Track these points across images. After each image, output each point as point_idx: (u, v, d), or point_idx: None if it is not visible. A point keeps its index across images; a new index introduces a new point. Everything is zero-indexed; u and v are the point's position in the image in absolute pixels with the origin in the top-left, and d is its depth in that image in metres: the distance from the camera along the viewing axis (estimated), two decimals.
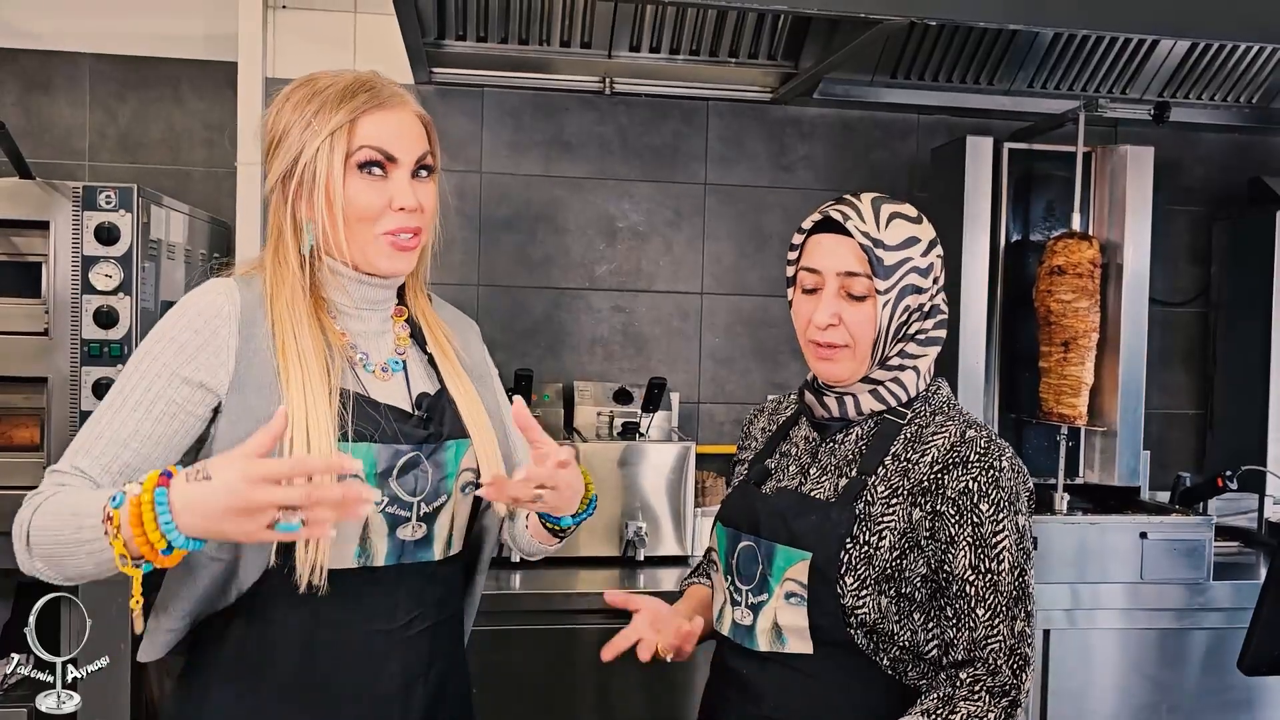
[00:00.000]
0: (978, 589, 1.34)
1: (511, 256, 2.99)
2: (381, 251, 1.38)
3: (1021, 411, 2.80)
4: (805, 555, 1.38)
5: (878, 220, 1.41)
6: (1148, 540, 2.53)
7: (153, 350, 1.33)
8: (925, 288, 1.43)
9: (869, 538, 1.37)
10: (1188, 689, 2.57)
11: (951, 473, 1.36)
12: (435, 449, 1.40)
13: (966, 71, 2.88)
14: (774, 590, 1.41)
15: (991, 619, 1.33)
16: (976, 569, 1.34)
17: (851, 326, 1.41)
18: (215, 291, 1.36)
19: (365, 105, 1.36)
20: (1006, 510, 1.35)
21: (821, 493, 1.43)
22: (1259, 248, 3.00)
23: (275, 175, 1.37)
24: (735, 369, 3.09)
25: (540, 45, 2.77)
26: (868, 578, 1.36)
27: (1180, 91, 2.98)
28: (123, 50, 2.84)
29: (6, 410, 2.11)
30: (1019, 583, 1.34)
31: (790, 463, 1.51)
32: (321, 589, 1.30)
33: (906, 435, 1.43)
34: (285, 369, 1.32)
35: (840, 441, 1.47)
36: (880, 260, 1.39)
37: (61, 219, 2.07)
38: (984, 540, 1.34)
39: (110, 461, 1.28)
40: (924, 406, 1.46)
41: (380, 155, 1.36)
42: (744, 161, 3.08)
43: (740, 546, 1.47)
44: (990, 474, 1.35)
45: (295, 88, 1.40)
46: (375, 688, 1.38)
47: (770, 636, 1.43)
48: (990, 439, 1.39)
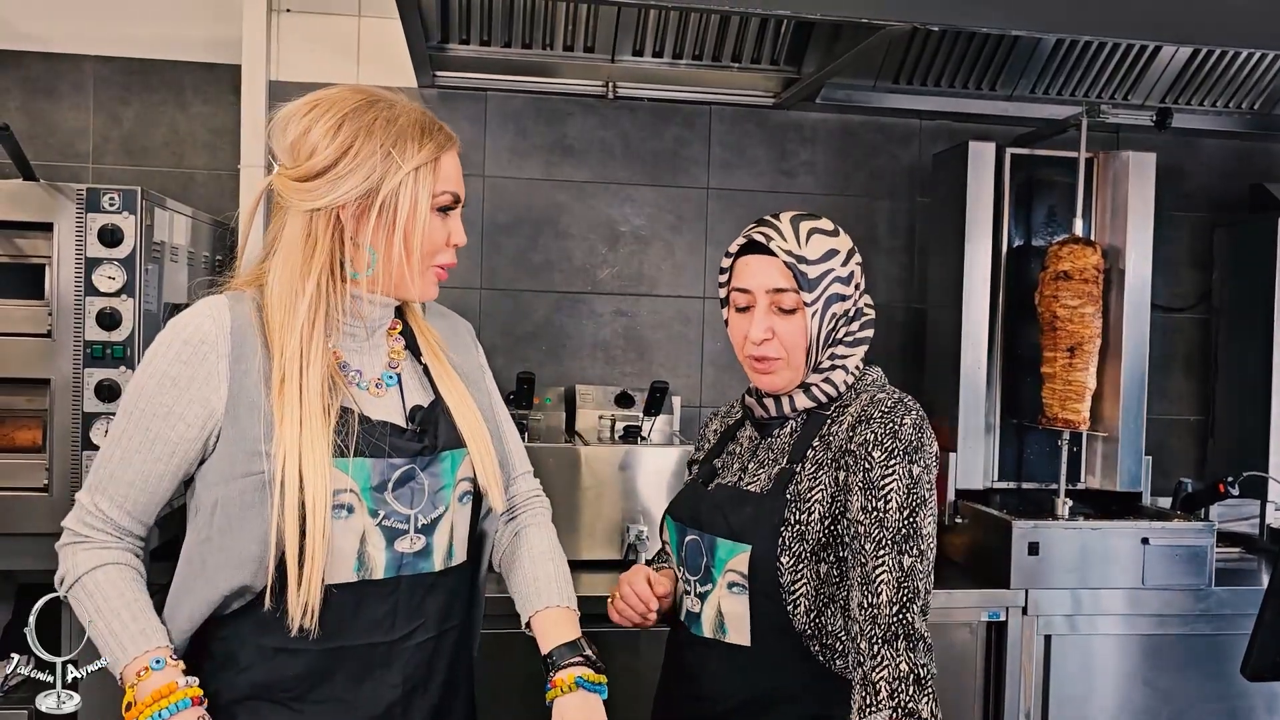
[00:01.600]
0: (865, 527, 1.41)
1: (514, 260, 3.00)
2: (429, 282, 1.44)
3: (1023, 416, 2.80)
4: (745, 547, 1.47)
5: (798, 238, 1.51)
6: (1149, 546, 2.53)
7: (147, 387, 1.35)
8: (849, 294, 1.54)
9: (800, 516, 1.47)
10: (1189, 695, 2.56)
11: (858, 430, 1.47)
12: (430, 461, 1.41)
13: (969, 77, 2.89)
14: (717, 580, 1.51)
15: (877, 551, 1.39)
16: (865, 509, 1.42)
17: (784, 338, 1.51)
18: (203, 316, 1.36)
19: (444, 145, 1.40)
20: (900, 458, 1.43)
21: (757, 485, 1.54)
22: (1260, 254, 3.00)
23: (336, 197, 1.34)
24: (737, 374, 3.09)
25: (543, 49, 2.78)
26: (802, 553, 1.45)
27: (1182, 98, 2.99)
28: (126, 53, 2.84)
29: (9, 412, 2.11)
30: (908, 521, 1.41)
31: (734, 460, 1.62)
32: (313, 633, 1.32)
33: (831, 418, 1.54)
34: (282, 390, 1.32)
35: (776, 437, 1.57)
36: (805, 275, 1.49)
37: (65, 221, 2.07)
38: (873, 483, 1.42)
39: (124, 501, 1.37)
40: (850, 394, 1.56)
41: (454, 197, 1.41)
42: (746, 166, 3.08)
43: (687, 540, 1.57)
44: (889, 427, 1.45)
45: (356, 107, 1.36)
46: (375, 698, 1.38)
47: (714, 625, 1.52)
48: (899, 400, 1.49)
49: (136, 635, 1.33)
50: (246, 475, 1.31)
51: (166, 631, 1.35)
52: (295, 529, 1.28)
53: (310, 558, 1.28)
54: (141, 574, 1.40)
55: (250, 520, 1.31)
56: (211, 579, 1.33)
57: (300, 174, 1.35)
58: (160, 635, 1.34)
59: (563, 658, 1.43)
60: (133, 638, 1.33)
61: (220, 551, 1.32)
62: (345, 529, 1.34)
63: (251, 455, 1.31)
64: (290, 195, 1.36)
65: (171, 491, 1.39)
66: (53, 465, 2.09)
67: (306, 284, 1.35)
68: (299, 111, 1.37)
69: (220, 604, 1.34)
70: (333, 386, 1.35)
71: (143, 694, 1.30)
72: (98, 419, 2.08)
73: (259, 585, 1.32)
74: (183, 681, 1.31)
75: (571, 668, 1.42)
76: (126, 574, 1.37)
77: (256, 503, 1.30)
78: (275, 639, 1.34)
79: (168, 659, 1.32)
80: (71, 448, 2.09)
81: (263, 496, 1.30)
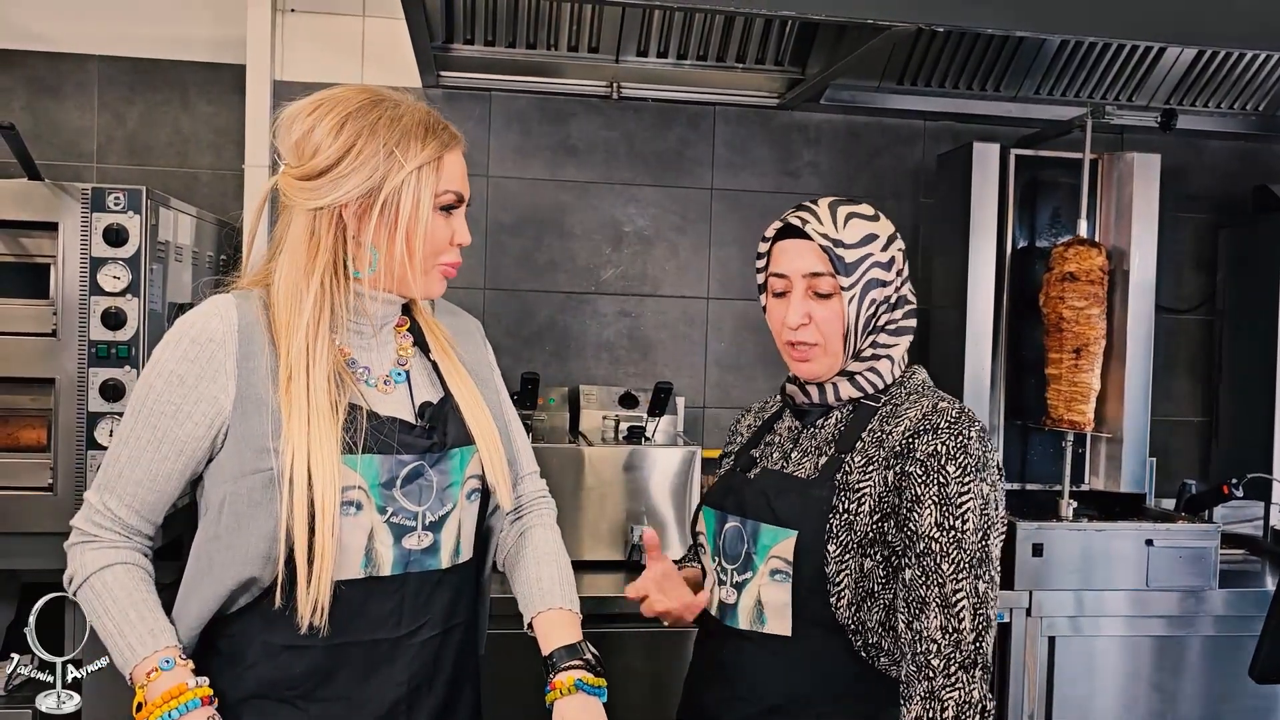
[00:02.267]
0: (942, 545, 1.38)
1: (518, 260, 3.00)
2: (434, 280, 1.43)
3: (1027, 418, 2.80)
4: (791, 533, 1.44)
5: (835, 221, 1.48)
6: (1153, 547, 2.53)
7: (155, 386, 1.35)
8: (889, 280, 1.50)
9: (849, 505, 1.44)
10: (1192, 697, 2.56)
11: (922, 438, 1.42)
12: (440, 458, 1.41)
13: (973, 78, 2.88)
14: (759, 568, 1.47)
15: (956, 573, 1.37)
16: (941, 526, 1.38)
17: (821, 324, 1.48)
18: (211, 314, 1.36)
19: (448, 144, 1.39)
20: (973, 475, 1.39)
21: (802, 472, 1.50)
22: (1265, 255, 3.00)
23: (339, 196, 1.34)
24: (741, 374, 3.09)
25: (548, 50, 2.78)
26: (849, 543, 1.42)
27: (1187, 99, 2.98)
28: (131, 53, 2.84)
29: (14, 411, 2.11)
30: (981, 545, 1.38)
31: (774, 450, 1.59)
32: (323, 630, 1.32)
33: (882, 414, 1.49)
34: (289, 388, 1.32)
35: (820, 426, 1.54)
36: (841, 259, 1.46)
37: (70, 220, 2.07)
38: (949, 499, 1.39)
39: (132, 500, 1.37)
40: (899, 389, 1.53)
41: (458, 197, 1.41)
42: (750, 167, 3.08)
43: (727, 527, 1.54)
44: (959, 440, 1.41)
45: (360, 106, 1.36)
46: (381, 696, 1.38)
47: (752, 615, 1.48)
48: (963, 411, 1.45)
49: (145, 635, 1.33)
50: (255, 472, 1.31)
51: (175, 631, 1.35)
52: (304, 526, 1.28)
53: (319, 555, 1.29)
54: (150, 573, 1.40)
55: (259, 518, 1.31)
56: (220, 577, 1.33)
57: (303, 173, 1.36)
58: (169, 635, 1.34)
59: (562, 660, 1.43)
60: (141, 638, 1.33)
61: (229, 549, 1.32)
62: (353, 526, 1.34)
63: (260, 453, 1.31)
64: (294, 194, 1.36)
65: (180, 490, 1.39)
66: (57, 465, 2.09)
67: (310, 282, 1.35)
68: (303, 110, 1.38)
69: (228, 599, 1.34)
70: (340, 383, 1.36)
71: (153, 694, 1.30)
72: (102, 418, 2.09)
73: (266, 579, 1.32)
74: (192, 681, 1.31)
75: (571, 670, 1.42)
76: (135, 573, 1.37)
77: (265, 500, 1.30)
78: (282, 636, 1.34)
79: (177, 659, 1.32)
80: (76, 447, 2.09)
81: (271, 494, 1.30)
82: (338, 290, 1.37)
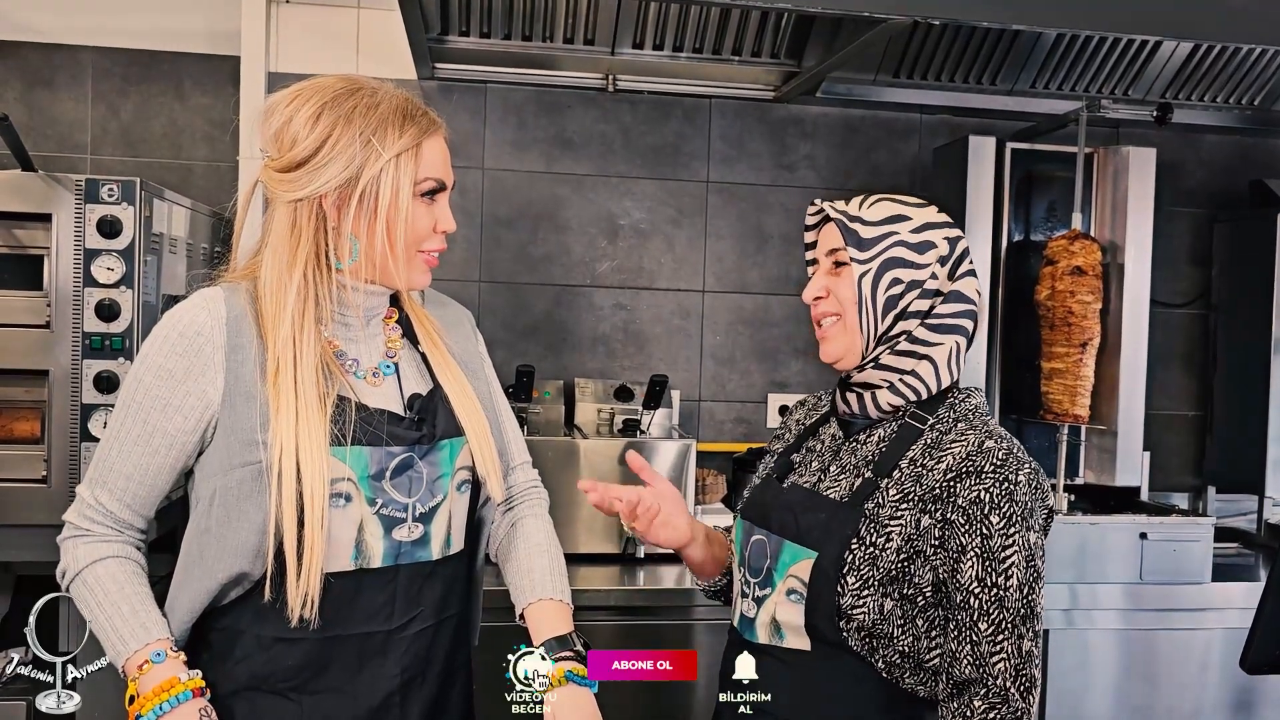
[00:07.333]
0: (982, 602, 1.32)
1: (513, 253, 2.99)
2: (417, 269, 1.42)
3: (1021, 411, 2.80)
4: (811, 554, 1.39)
5: (861, 203, 1.47)
6: (1147, 541, 2.53)
7: (144, 380, 1.35)
8: (921, 264, 1.42)
9: (875, 539, 1.36)
10: (1186, 690, 2.57)
11: (964, 481, 1.35)
12: (429, 449, 1.41)
13: (969, 71, 2.88)
14: (777, 586, 1.43)
15: (995, 634, 1.31)
16: (983, 582, 1.32)
17: (836, 293, 1.44)
18: (199, 308, 1.36)
19: (427, 130, 1.38)
20: (1018, 525, 1.32)
21: (836, 492, 1.44)
22: (1259, 250, 3.00)
23: (317, 187, 1.34)
24: (736, 368, 3.09)
25: (544, 41, 2.77)
26: (871, 579, 1.35)
27: (1182, 93, 2.98)
28: (125, 44, 2.84)
29: (7, 403, 2.10)
30: (1026, 601, 1.32)
31: (814, 459, 1.53)
32: (313, 623, 1.32)
33: (926, 441, 1.42)
34: (277, 380, 1.32)
35: (862, 442, 1.47)
36: (855, 233, 1.43)
37: (64, 212, 2.07)
38: (992, 553, 1.32)
39: (123, 494, 1.37)
40: (948, 413, 1.44)
41: (439, 184, 1.40)
42: (746, 160, 3.08)
43: (753, 539, 1.49)
44: (1004, 486, 1.33)
45: (336, 95, 1.36)
46: (373, 688, 1.38)
47: (769, 630, 1.44)
48: (1010, 452, 1.37)
49: (137, 628, 1.33)
50: (244, 465, 1.31)
51: (167, 624, 1.35)
52: (293, 518, 1.28)
53: (309, 547, 1.29)
54: (142, 566, 1.40)
55: (248, 510, 1.31)
56: (210, 570, 1.33)
57: (283, 164, 1.35)
58: (160, 628, 1.34)
59: (553, 651, 1.43)
60: (133, 631, 1.33)
61: (219, 542, 1.32)
62: (343, 518, 1.34)
63: (249, 445, 1.31)
64: (274, 186, 1.36)
65: (171, 484, 1.39)
66: (51, 457, 2.09)
67: (294, 274, 1.35)
68: (282, 101, 1.37)
69: (219, 593, 1.34)
70: (329, 375, 1.35)
71: (145, 687, 1.30)
72: (96, 410, 2.08)
73: (257, 573, 1.32)
74: (184, 674, 1.32)
75: (562, 662, 1.42)
76: (127, 567, 1.38)
77: (254, 492, 1.30)
78: (273, 629, 1.34)
79: (168, 651, 1.32)
80: (70, 439, 2.09)
81: (260, 486, 1.30)
82: (321, 282, 1.37)
